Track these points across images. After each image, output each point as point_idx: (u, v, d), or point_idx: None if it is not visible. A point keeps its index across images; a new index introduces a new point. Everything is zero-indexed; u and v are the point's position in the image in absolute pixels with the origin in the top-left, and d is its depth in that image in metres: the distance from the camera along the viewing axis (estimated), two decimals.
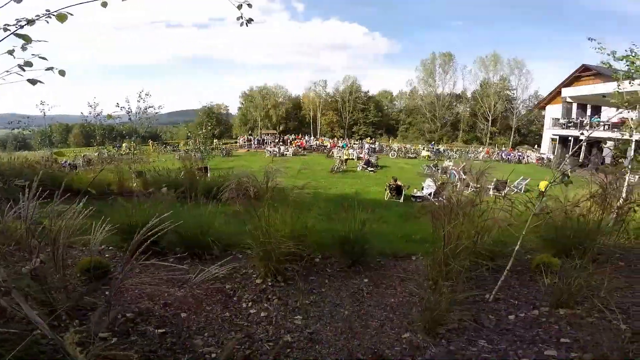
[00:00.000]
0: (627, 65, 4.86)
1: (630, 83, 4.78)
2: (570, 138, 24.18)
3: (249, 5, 2.08)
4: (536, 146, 36.94)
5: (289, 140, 37.80)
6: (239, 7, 2.07)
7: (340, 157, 22.86)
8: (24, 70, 1.66)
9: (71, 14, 1.63)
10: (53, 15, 1.65)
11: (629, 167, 4.36)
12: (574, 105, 25.44)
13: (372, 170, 20.04)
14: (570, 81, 27.79)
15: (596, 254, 3.03)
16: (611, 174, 3.67)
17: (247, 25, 2.20)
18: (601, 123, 20.29)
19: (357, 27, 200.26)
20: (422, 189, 12.45)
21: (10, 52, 1.66)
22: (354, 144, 36.83)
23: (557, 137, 25.84)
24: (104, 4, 1.81)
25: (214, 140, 35.78)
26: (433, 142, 42.21)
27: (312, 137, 42.25)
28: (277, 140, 37.88)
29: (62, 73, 1.74)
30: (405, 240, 4.66)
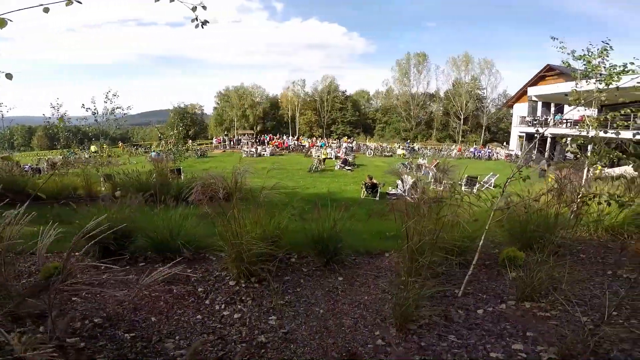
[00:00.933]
0: (584, 65, 5.13)
1: (587, 82, 5.05)
2: (536, 135, 25.37)
3: (204, 8, 2.09)
4: (505, 143, 38.57)
5: (266, 140, 37.44)
6: (194, 9, 2.08)
7: (318, 156, 22.93)
8: None
9: (10, 20, 1.54)
10: None
11: (587, 162, 4.61)
12: (539, 104, 26.70)
13: (349, 169, 20.22)
14: (535, 80, 29.19)
15: (556, 247, 3.19)
16: (562, 168, 3.86)
17: (202, 27, 2.21)
18: (564, 120, 21.46)
19: (337, 27, 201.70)
20: (397, 186, 12.70)
21: None
22: (332, 143, 37.00)
23: (524, 134, 27.05)
24: (69, 3, 1.76)
25: (188, 141, 34.95)
26: (408, 141, 43.08)
27: (290, 137, 42.04)
28: (253, 141, 37.42)
29: (8, 76, 1.64)
30: (379, 237, 4.73)
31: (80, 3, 1.80)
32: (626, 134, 3.52)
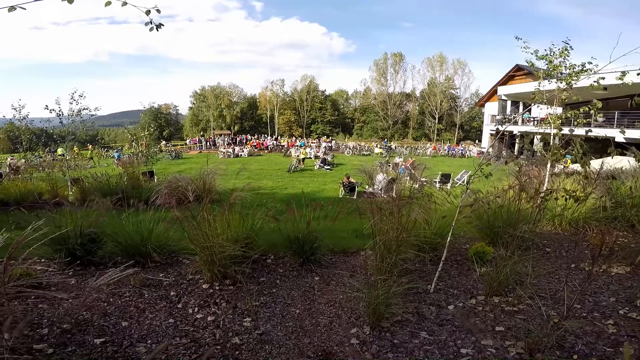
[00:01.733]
0: (546, 64, 5.35)
1: (549, 81, 5.27)
2: (505, 133, 26.39)
3: (158, 11, 2.08)
4: (477, 141, 39.96)
5: (244, 140, 36.93)
6: (147, 12, 2.05)
7: (297, 156, 22.88)
8: None
9: None
10: None
11: (549, 159, 4.82)
12: (509, 103, 27.81)
13: (328, 169, 20.32)
14: (505, 80, 30.38)
15: (521, 242, 3.30)
16: (518, 165, 4.02)
17: (157, 30, 2.18)
18: (532, 119, 22.45)
19: (317, 27, 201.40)
20: (373, 185, 12.88)
21: None
22: (312, 142, 37.02)
23: (495, 132, 28.08)
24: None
25: (162, 142, 33.95)
26: (386, 140, 43.79)
27: (269, 137, 41.70)
28: (230, 141, 36.81)
29: None
30: (356, 236, 4.77)
31: None
32: (581, 131, 3.71)
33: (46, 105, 9.46)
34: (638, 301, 2.85)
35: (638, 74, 2.47)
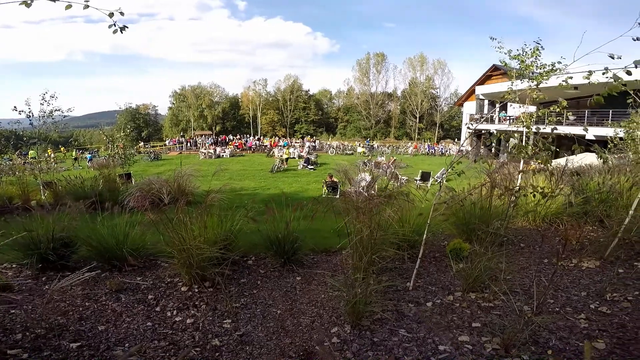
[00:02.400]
0: (519, 64, 5.50)
1: (521, 81, 5.43)
2: (483, 132, 27.15)
3: (122, 14, 2.09)
4: (456, 140, 40.92)
5: (225, 141, 36.39)
6: (111, 15, 2.05)
7: (280, 156, 22.74)
8: None
9: None
10: None
11: (522, 157, 4.98)
12: (486, 102, 28.56)
13: (312, 168, 20.29)
14: (483, 80, 31.18)
15: (494, 238, 3.34)
16: (487, 163, 4.12)
17: (121, 32, 2.18)
18: (508, 117, 23.16)
19: (301, 26, 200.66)
20: (355, 184, 12.94)
21: None
22: (295, 142, 36.90)
23: (473, 131, 28.81)
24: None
25: (140, 143, 33.05)
26: (368, 139, 44.16)
27: (251, 137, 41.28)
28: (211, 141, 36.20)
29: None
30: (338, 235, 4.80)
31: None
32: (550, 129, 3.85)
33: (15, 107, 9.00)
34: (607, 295, 2.93)
35: (603, 74, 2.57)
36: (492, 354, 2.27)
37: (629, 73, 2.35)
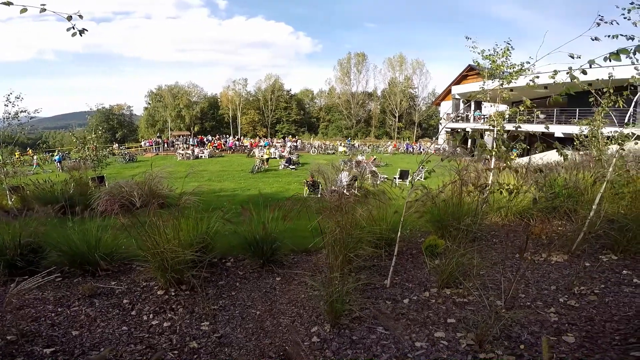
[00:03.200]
0: (490, 64, 5.68)
1: (492, 81, 5.61)
2: (459, 130, 27.89)
3: (80, 17, 2.07)
4: (434, 138, 41.80)
5: (204, 141, 35.67)
6: (69, 18, 2.02)
7: (261, 156, 22.55)
8: None
9: None
10: None
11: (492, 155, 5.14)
12: (461, 101, 29.36)
13: (293, 168, 20.25)
14: (459, 80, 32.04)
15: (465, 234, 3.41)
16: (455, 161, 4.22)
17: (80, 35, 2.13)
18: (482, 116, 23.90)
19: (284, 26, 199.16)
20: (335, 183, 13.01)
21: None
22: (277, 142, 36.67)
23: (450, 129, 29.60)
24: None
25: (114, 145, 31.95)
26: (349, 138, 44.50)
27: (231, 137, 40.71)
28: (189, 142, 35.40)
29: None
30: (318, 234, 4.82)
31: None
32: (525, 127, 3.99)
33: None
34: (575, 289, 3.02)
35: (567, 73, 2.69)
36: (467, 349, 2.30)
37: (584, 72, 2.47)
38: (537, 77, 3.39)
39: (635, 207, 3.88)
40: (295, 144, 34.85)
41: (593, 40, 2.64)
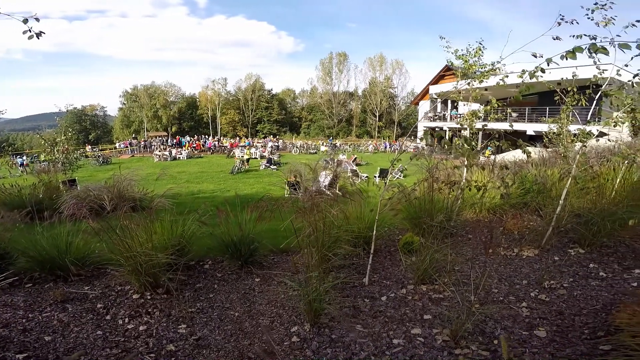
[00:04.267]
0: (463, 64, 5.81)
1: (465, 80, 5.75)
2: (436, 129, 28.56)
3: (37, 20, 2.07)
4: (413, 137, 42.58)
5: (179, 142, 34.83)
6: (25, 21, 2.00)
7: (241, 157, 22.27)
8: None
9: None
10: None
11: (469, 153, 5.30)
12: (439, 101, 30.05)
13: (274, 168, 20.12)
14: (436, 79, 32.74)
15: (439, 230, 3.46)
16: (425, 158, 4.30)
17: (37, 38, 2.12)
18: (458, 115, 24.56)
19: (265, 25, 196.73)
20: (316, 182, 13.04)
21: None
22: (258, 142, 36.33)
23: (428, 128, 30.24)
24: None
25: (87, 147, 30.81)
26: (331, 138, 44.66)
27: (210, 137, 39.99)
28: (166, 143, 34.52)
29: None
30: (299, 234, 4.82)
31: None
32: (497, 125, 4.12)
33: None
34: (545, 283, 3.11)
35: (525, 72, 2.79)
36: (443, 345, 2.34)
37: (542, 71, 2.58)
38: (507, 76, 3.53)
39: (600, 202, 4.02)
40: (276, 143, 34.64)
41: (554, 39, 2.76)
